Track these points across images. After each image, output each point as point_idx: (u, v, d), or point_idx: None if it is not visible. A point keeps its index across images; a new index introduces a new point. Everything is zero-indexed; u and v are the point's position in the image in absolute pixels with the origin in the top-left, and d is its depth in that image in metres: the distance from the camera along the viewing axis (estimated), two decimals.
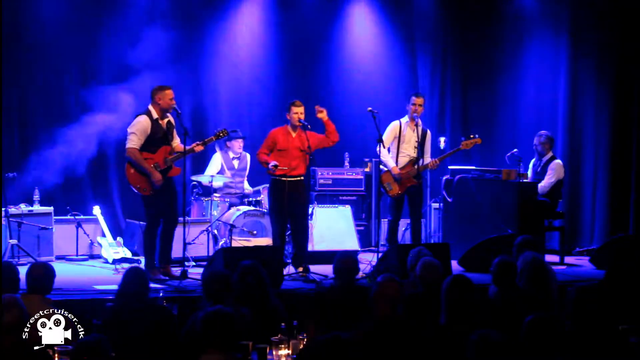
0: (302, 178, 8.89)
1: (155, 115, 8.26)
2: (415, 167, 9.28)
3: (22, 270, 5.75)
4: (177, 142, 8.44)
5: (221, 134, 8.62)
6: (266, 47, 11.23)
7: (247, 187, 10.41)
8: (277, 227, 8.84)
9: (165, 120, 8.35)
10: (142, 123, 8.21)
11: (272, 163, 8.68)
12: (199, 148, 8.42)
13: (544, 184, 10.12)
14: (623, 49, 11.25)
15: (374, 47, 11.69)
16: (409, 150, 9.35)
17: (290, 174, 8.76)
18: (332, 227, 9.97)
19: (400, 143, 9.32)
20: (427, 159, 9.44)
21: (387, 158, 9.30)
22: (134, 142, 8.17)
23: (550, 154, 10.30)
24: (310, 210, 9.45)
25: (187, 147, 8.29)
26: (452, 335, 4.88)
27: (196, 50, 10.90)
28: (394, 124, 9.39)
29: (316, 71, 11.44)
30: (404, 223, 9.84)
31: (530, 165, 10.36)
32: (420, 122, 9.39)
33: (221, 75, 11.05)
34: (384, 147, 9.16)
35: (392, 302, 5.07)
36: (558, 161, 10.34)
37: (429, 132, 9.52)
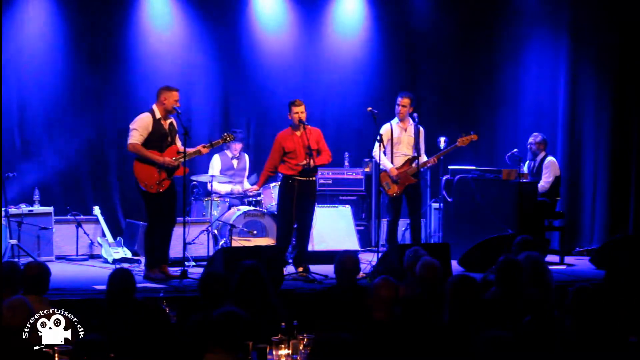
0: (313, 178, 8.83)
1: (158, 115, 8.24)
2: (413, 165, 9.30)
3: None
4: (178, 144, 8.43)
5: (228, 138, 8.65)
6: (266, 47, 11.23)
7: (247, 186, 10.40)
8: (284, 226, 8.78)
9: (168, 121, 8.33)
10: (143, 120, 8.21)
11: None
12: (205, 150, 8.43)
13: (542, 184, 10.18)
14: (623, 49, 11.24)
15: (370, 46, 11.68)
16: (403, 150, 9.37)
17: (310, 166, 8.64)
18: (332, 227, 9.96)
19: (393, 144, 9.33)
20: (423, 156, 9.45)
21: (384, 160, 9.30)
22: (134, 137, 8.17)
23: (543, 154, 10.38)
24: None
25: (193, 149, 8.30)
26: (455, 334, 4.88)
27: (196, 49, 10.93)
28: (385, 127, 9.38)
29: (316, 70, 11.43)
30: (403, 223, 9.84)
31: (525, 168, 10.36)
32: (411, 120, 9.38)
33: (221, 74, 11.05)
34: (383, 147, 9.15)
35: (389, 303, 5.06)
36: (551, 158, 10.42)
37: (421, 129, 9.50)
